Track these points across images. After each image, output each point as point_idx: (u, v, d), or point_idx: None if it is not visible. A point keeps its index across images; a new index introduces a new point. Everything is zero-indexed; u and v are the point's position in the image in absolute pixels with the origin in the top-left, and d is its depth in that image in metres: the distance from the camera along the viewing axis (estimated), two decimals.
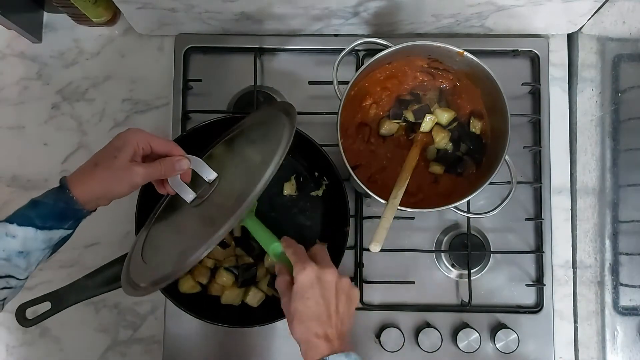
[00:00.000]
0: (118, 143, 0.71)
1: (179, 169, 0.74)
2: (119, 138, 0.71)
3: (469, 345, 0.92)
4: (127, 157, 0.69)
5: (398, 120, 0.90)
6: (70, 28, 1.04)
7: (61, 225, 0.68)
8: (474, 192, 0.81)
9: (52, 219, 0.67)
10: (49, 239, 0.68)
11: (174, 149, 0.75)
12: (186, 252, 0.66)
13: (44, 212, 0.67)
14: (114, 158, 0.69)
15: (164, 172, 0.73)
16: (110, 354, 0.98)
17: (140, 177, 0.70)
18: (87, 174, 0.69)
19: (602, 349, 0.89)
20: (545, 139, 0.99)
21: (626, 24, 0.86)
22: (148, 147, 0.72)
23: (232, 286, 0.91)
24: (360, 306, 0.96)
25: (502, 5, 0.91)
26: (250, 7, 0.92)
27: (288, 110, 0.78)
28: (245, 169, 0.76)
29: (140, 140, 0.71)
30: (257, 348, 0.96)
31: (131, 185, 0.70)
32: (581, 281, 0.97)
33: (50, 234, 0.67)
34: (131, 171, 0.69)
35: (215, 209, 0.73)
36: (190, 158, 0.76)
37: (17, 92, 1.03)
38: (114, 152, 0.70)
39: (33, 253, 0.67)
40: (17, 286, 0.68)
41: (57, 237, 0.69)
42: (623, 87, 0.87)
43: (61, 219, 0.68)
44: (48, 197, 0.68)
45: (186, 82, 1.00)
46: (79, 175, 0.70)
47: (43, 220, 0.67)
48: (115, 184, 0.69)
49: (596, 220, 0.93)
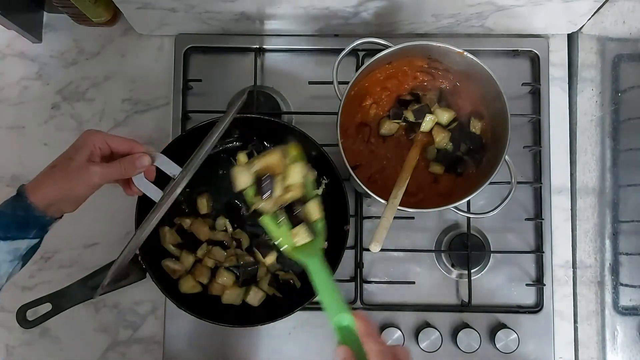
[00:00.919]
0: (75, 145, 0.70)
1: (140, 166, 0.72)
2: (77, 140, 0.70)
3: (469, 345, 0.92)
4: (83, 158, 0.68)
5: (398, 121, 0.90)
6: (70, 28, 1.04)
7: (25, 235, 0.66)
8: (474, 192, 0.81)
9: (14, 229, 0.65)
10: (15, 250, 0.66)
11: (135, 147, 0.73)
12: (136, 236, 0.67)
13: (4, 222, 0.65)
14: (70, 159, 0.68)
15: (125, 170, 0.71)
16: (110, 354, 0.98)
17: (97, 176, 0.68)
18: (44, 179, 0.68)
19: (602, 349, 0.89)
20: (545, 139, 0.99)
21: (626, 24, 0.86)
22: (106, 146, 0.71)
23: (233, 286, 0.91)
24: (360, 306, 0.96)
25: (502, 5, 0.91)
26: (250, 7, 0.92)
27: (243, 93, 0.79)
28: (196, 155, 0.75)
29: (96, 140, 0.70)
30: (257, 348, 0.96)
31: (89, 186, 0.69)
32: (581, 281, 0.97)
33: (14, 244, 0.66)
34: (88, 171, 0.68)
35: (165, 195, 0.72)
36: (154, 155, 0.74)
37: (17, 92, 1.03)
38: (70, 154, 0.69)
39: (0, 265, 0.65)
40: None
41: (23, 248, 0.67)
42: (623, 87, 0.87)
43: (23, 228, 0.66)
44: (6, 207, 0.66)
45: (186, 82, 1.00)
46: (35, 180, 0.68)
47: (5, 230, 0.65)
48: (72, 186, 0.68)
49: (596, 220, 0.93)
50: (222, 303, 0.91)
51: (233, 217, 0.95)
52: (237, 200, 0.95)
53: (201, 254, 0.92)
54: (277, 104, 1.00)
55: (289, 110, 1.01)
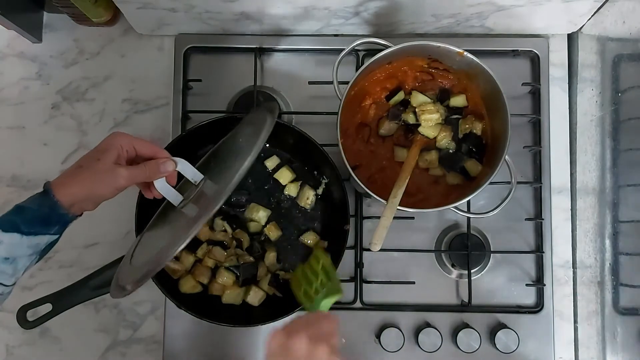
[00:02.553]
0: (102, 146, 0.71)
1: (163, 171, 0.73)
2: (103, 141, 0.71)
3: (469, 345, 0.92)
4: (110, 160, 0.69)
5: (396, 121, 0.90)
6: (70, 28, 1.04)
7: (47, 231, 0.67)
8: (474, 192, 0.81)
9: (38, 225, 0.67)
10: (36, 245, 0.67)
11: (159, 152, 0.74)
12: (165, 250, 0.67)
13: (29, 217, 0.66)
14: (97, 160, 0.69)
15: (149, 174, 0.73)
16: (110, 354, 0.98)
17: (123, 179, 0.69)
18: (70, 177, 0.69)
19: (602, 349, 0.89)
20: (545, 139, 0.99)
21: (626, 24, 0.86)
22: (132, 149, 0.72)
23: (233, 286, 0.91)
24: (360, 306, 0.96)
25: (502, 5, 0.91)
26: (250, 7, 0.92)
27: (272, 108, 0.79)
28: (227, 166, 0.76)
29: (124, 143, 0.71)
30: (257, 348, 0.96)
31: (115, 188, 0.70)
32: (581, 281, 0.97)
33: (36, 239, 0.67)
34: (114, 173, 0.69)
35: (198, 206, 0.73)
36: (176, 160, 0.75)
37: (17, 92, 1.03)
38: (98, 155, 0.69)
39: (19, 259, 0.66)
40: (5, 292, 0.67)
41: (43, 243, 0.68)
42: (623, 87, 0.87)
43: (47, 224, 0.67)
44: (32, 202, 0.67)
45: (186, 82, 1.00)
46: (62, 179, 0.69)
47: (29, 226, 0.66)
48: (98, 186, 0.69)
49: (596, 220, 0.93)
50: (222, 303, 0.91)
51: (230, 218, 0.95)
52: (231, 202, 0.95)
53: (201, 254, 0.92)
54: (277, 104, 1.00)
55: (289, 110, 1.01)
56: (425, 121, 0.87)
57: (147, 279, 0.67)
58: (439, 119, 0.87)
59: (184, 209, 0.75)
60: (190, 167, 0.76)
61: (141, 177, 0.72)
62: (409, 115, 0.89)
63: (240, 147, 0.78)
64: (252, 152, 0.70)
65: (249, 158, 0.69)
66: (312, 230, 0.95)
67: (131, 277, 0.71)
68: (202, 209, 0.69)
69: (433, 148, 0.89)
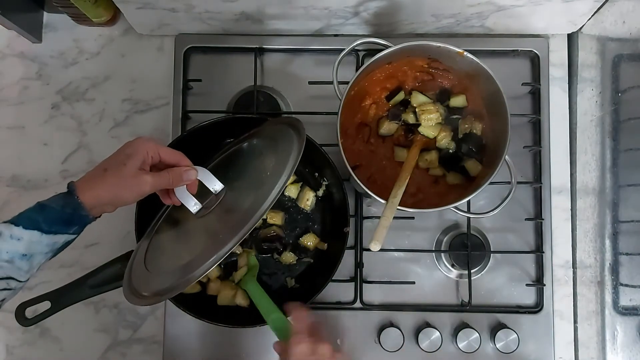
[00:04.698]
0: (128, 151, 0.71)
1: (186, 179, 0.74)
2: (129, 146, 0.71)
3: (469, 345, 0.92)
4: (136, 165, 0.70)
5: (397, 121, 0.90)
6: (70, 28, 1.04)
7: (67, 231, 0.68)
8: (474, 192, 0.81)
9: (59, 224, 0.67)
10: (54, 243, 0.68)
11: (182, 160, 0.75)
12: (192, 266, 0.67)
13: (51, 216, 0.67)
14: (123, 165, 0.69)
15: (172, 181, 0.73)
16: (110, 354, 0.98)
17: (148, 185, 0.70)
18: (95, 180, 0.69)
19: (602, 349, 0.89)
20: (545, 139, 0.99)
21: (626, 24, 0.86)
22: (157, 156, 0.73)
23: (225, 286, 0.91)
24: (360, 306, 0.96)
25: (502, 5, 0.91)
26: (250, 7, 0.92)
27: (296, 126, 0.79)
28: (253, 183, 0.77)
29: (150, 149, 0.71)
30: (257, 348, 0.96)
31: (139, 194, 0.70)
32: (581, 281, 0.97)
33: (55, 238, 0.67)
34: (140, 179, 0.69)
35: (221, 222, 0.74)
36: (197, 169, 0.76)
37: (17, 92, 1.03)
38: (124, 160, 0.70)
39: (36, 256, 0.67)
40: (17, 287, 0.68)
41: (61, 242, 0.69)
42: (623, 87, 0.87)
43: (68, 224, 0.68)
44: (56, 202, 0.68)
45: (186, 82, 1.00)
46: (87, 181, 0.69)
47: (49, 224, 0.66)
48: (123, 191, 0.69)
49: (596, 220, 0.93)
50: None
51: None
52: None
53: None
54: (277, 104, 1.00)
55: (289, 110, 1.01)
56: (425, 121, 0.87)
57: (172, 295, 0.67)
58: (439, 119, 0.87)
59: (203, 219, 0.76)
60: (211, 176, 0.77)
61: (165, 184, 0.73)
62: (409, 115, 0.89)
63: (265, 167, 0.78)
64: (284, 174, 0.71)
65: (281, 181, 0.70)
66: (311, 231, 0.95)
67: (151, 285, 0.71)
68: (232, 228, 0.69)
69: (433, 148, 0.89)
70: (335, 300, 0.97)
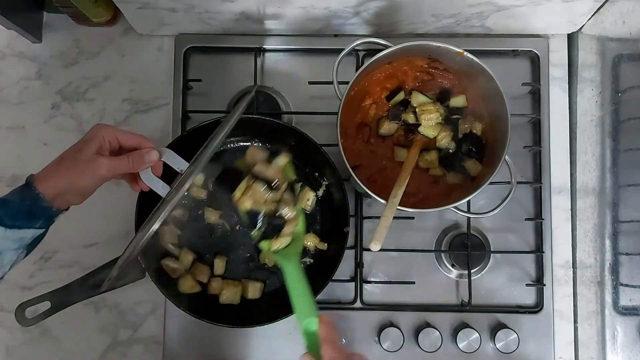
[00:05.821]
0: (84, 137, 0.71)
1: (147, 161, 0.72)
2: (86, 133, 0.71)
3: (469, 345, 0.92)
4: (92, 150, 0.69)
5: (397, 121, 0.90)
6: (70, 28, 1.04)
7: (31, 225, 0.67)
8: (474, 192, 0.81)
9: (21, 218, 0.66)
10: (20, 239, 0.67)
11: (144, 142, 0.73)
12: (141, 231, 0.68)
13: (12, 211, 0.66)
14: (79, 151, 0.69)
15: (133, 164, 0.72)
16: (110, 354, 0.98)
17: (104, 168, 0.69)
18: (51, 169, 0.69)
19: (602, 349, 0.89)
20: (545, 139, 0.99)
21: (626, 24, 0.86)
22: (115, 140, 0.71)
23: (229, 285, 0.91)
24: (360, 306, 0.96)
25: (502, 5, 0.91)
26: (250, 7, 0.92)
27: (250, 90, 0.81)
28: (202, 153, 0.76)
29: (106, 133, 0.70)
30: (257, 348, 0.96)
31: (96, 178, 0.69)
32: (581, 281, 0.97)
33: (20, 233, 0.66)
34: (95, 163, 0.68)
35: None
36: (161, 150, 0.74)
37: (17, 92, 1.03)
38: (80, 146, 0.69)
39: (5, 253, 0.66)
40: None
41: (29, 237, 0.67)
42: (623, 87, 0.87)
43: (30, 217, 0.67)
44: (14, 195, 0.67)
45: (186, 82, 1.00)
46: (44, 171, 0.69)
47: (12, 219, 0.65)
48: (80, 177, 0.68)
49: (596, 220, 0.93)
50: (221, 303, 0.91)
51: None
52: None
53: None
54: (277, 104, 1.00)
55: (289, 110, 1.01)
56: (425, 121, 0.87)
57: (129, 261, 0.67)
58: (439, 119, 0.87)
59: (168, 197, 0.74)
60: (175, 156, 0.74)
61: (124, 167, 0.71)
62: (409, 115, 0.89)
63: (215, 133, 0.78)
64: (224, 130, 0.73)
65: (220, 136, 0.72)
66: (311, 231, 0.95)
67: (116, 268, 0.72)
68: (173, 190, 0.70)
69: (433, 148, 0.89)
70: (335, 300, 0.97)
